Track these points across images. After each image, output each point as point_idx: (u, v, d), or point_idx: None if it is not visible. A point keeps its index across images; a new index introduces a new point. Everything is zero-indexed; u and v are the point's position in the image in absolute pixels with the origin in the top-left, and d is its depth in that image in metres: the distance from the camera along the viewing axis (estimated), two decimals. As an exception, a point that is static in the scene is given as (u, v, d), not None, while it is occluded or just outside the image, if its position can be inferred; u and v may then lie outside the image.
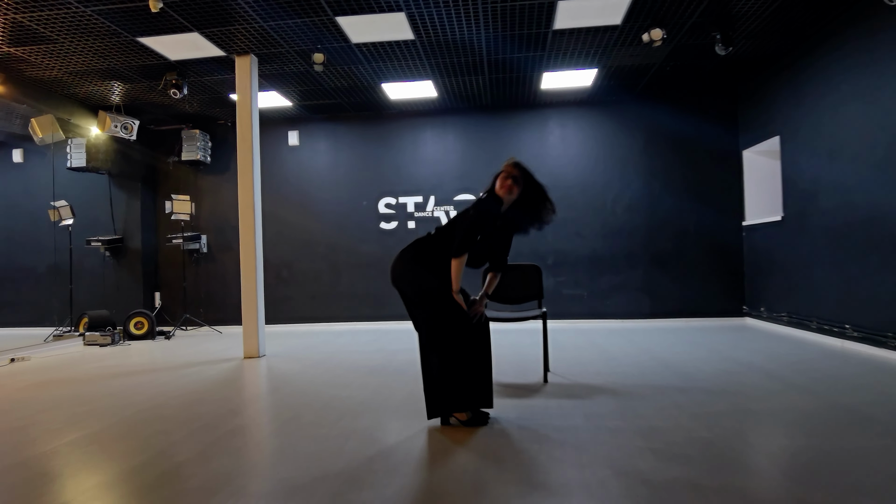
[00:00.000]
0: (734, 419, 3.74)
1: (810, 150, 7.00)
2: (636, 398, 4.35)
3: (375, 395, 4.69)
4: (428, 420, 3.81)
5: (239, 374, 5.88)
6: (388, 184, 9.69)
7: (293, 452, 3.30)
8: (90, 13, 5.70)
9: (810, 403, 4.08)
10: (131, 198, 9.85)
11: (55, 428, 3.98)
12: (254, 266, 6.88)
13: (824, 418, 3.70)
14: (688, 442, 3.30)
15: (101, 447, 3.53)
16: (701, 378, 4.99)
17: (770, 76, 7.89)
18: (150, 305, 9.89)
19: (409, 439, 3.49)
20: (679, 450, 3.17)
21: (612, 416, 3.85)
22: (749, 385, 4.68)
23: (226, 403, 4.60)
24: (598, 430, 3.55)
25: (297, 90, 8.38)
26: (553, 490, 2.68)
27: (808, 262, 7.09)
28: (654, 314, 9.03)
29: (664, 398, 4.32)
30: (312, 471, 3.00)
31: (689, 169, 9.04)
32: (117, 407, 4.55)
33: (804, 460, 3.01)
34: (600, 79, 8.24)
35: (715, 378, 4.98)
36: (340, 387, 5.02)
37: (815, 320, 6.95)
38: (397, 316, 9.50)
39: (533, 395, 4.50)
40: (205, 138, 9.74)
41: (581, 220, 9.21)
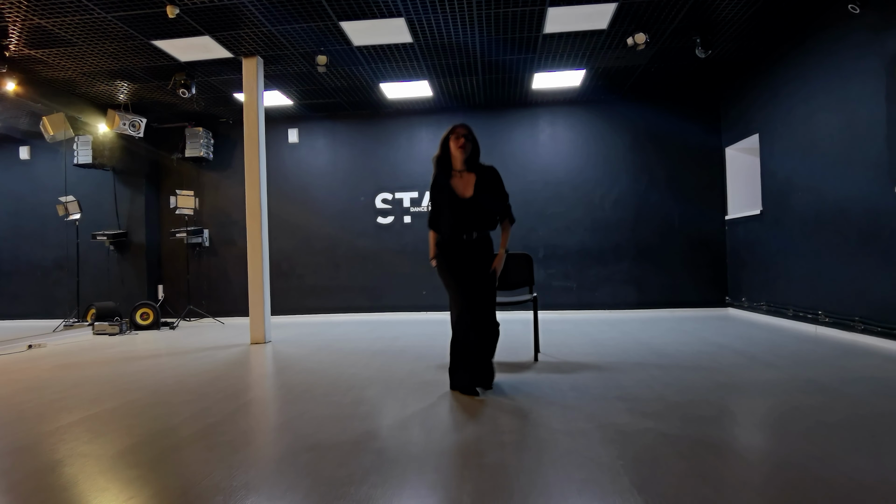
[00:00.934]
0: (704, 388, 4.21)
1: (786, 147, 7.48)
2: (618, 372, 4.82)
3: (380, 372, 5.14)
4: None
5: (249, 356, 6.32)
6: (385, 180, 10.10)
7: (311, 416, 3.74)
8: (110, 18, 6.13)
9: (774, 376, 4.56)
10: (136, 193, 10.23)
11: (91, 398, 4.41)
12: (260, 256, 7.32)
13: (785, 387, 4.18)
14: (661, 404, 3.77)
15: (137, 412, 3.97)
16: (679, 357, 5.47)
17: (749, 77, 8.37)
18: (153, 298, 10.27)
19: (414, 404, 3.95)
20: (652, 410, 3.64)
21: (596, 386, 4.32)
22: (722, 363, 5.16)
23: (242, 379, 5.04)
24: (583, 396, 4.02)
25: (299, 89, 8.80)
26: (542, 438, 3.14)
27: (785, 254, 7.57)
28: (641, 305, 9.50)
29: (643, 372, 4.80)
30: (331, 429, 3.45)
31: (674, 166, 9.51)
32: (143, 382, 4.99)
33: (760, 417, 3.49)
34: (588, 79, 8.70)
35: (692, 357, 5.46)
36: (346, 366, 5.48)
37: (791, 308, 7.43)
38: (393, 307, 9.95)
39: (524, 371, 4.96)
40: (207, 136, 10.14)
41: (570, 214, 9.66)
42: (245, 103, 7.38)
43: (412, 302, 9.94)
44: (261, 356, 6.34)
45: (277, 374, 5.26)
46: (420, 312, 9.85)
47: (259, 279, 7.33)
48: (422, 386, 4.49)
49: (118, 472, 2.85)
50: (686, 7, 6.35)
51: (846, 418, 3.38)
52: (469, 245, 4.24)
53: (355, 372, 5.16)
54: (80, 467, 2.92)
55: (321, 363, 5.70)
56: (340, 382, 4.73)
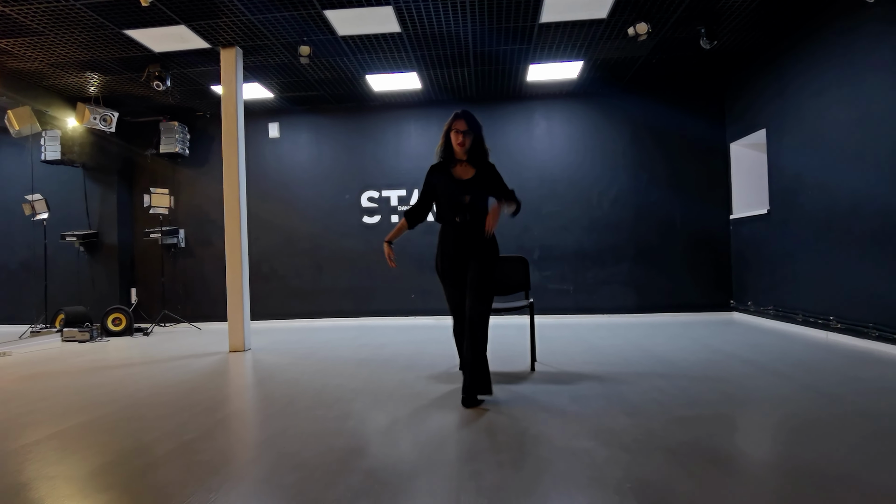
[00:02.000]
0: (713, 401, 4.17)
1: (794, 142, 7.46)
2: (621, 383, 4.77)
3: (367, 383, 5.08)
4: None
5: (227, 366, 6.24)
6: (371, 177, 10.05)
7: (295, 431, 3.68)
8: (79, 6, 6.03)
9: (786, 387, 4.53)
10: (107, 191, 10.13)
11: (60, 412, 4.33)
12: (239, 259, 7.24)
13: (798, 399, 4.15)
14: (668, 419, 3.73)
15: (109, 428, 3.88)
16: (685, 366, 5.44)
17: (756, 69, 8.36)
18: (126, 301, 10.17)
19: (404, 418, 3.89)
20: (659, 425, 3.59)
21: (597, 399, 4.27)
22: (730, 372, 5.12)
23: (221, 391, 4.97)
24: (584, 410, 3.97)
25: (280, 82, 8.73)
26: (542, 457, 3.08)
27: (793, 256, 7.56)
28: (641, 309, 9.48)
29: (647, 383, 4.75)
30: (316, 445, 3.38)
31: (676, 162, 9.49)
32: (115, 395, 4.90)
33: (774, 432, 3.45)
34: (586, 71, 8.67)
35: (697, 366, 5.43)
36: (331, 376, 5.41)
37: (800, 313, 7.42)
38: (380, 311, 9.90)
39: (520, 382, 4.92)
40: (183, 130, 10.05)
41: (567, 213, 9.63)
42: (223, 96, 7.30)
43: (400, 306, 9.89)
44: (240, 365, 6.27)
45: (258, 386, 5.19)
46: (408, 317, 9.79)
47: (238, 283, 7.25)
48: (412, 398, 4.43)
49: (89, 495, 2.78)
50: (690, -4, 6.33)
51: (865, 434, 3.35)
52: (464, 229, 4.40)
53: (341, 383, 5.10)
54: (47, 490, 2.84)
55: (304, 373, 5.63)
56: (325, 395, 4.67)
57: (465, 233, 4.40)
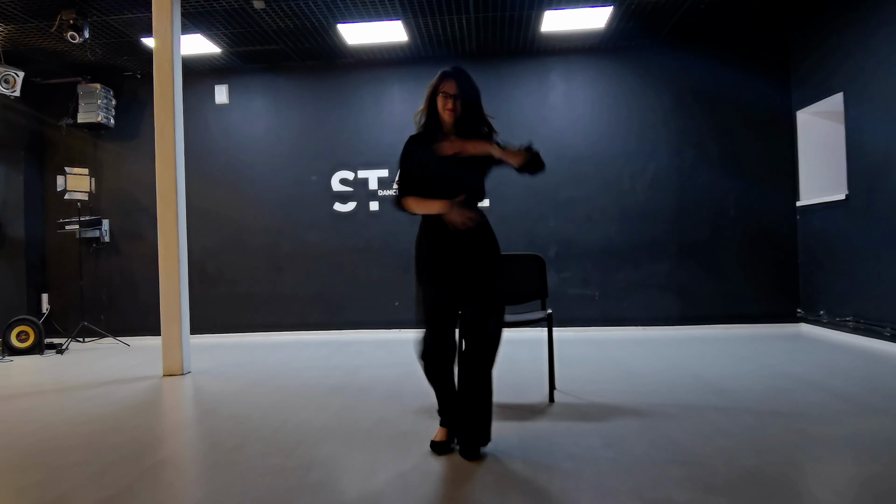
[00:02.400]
0: (790, 445, 3.94)
1: (884, 110, 7.24)
2: (667, 419, 4.54)
3: (338, 418, 4.84)
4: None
5: (160, 395, 6.00)
6: (345, 154, 9.84)
7: (243, 488, 3.42)
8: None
9: (881, 426, 4.29)
10: (12, 171, 9.88)
11: (-68, 462, 4.08)
12: (176, 257, 6.99)
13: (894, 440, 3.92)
14: (735, 473, 3.47)
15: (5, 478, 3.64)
16: (747, 397, 5.21)
17: (833, 17, 8.13)
18: (35, 311, 9.93)
19: (386, 469, 3.64)
20: (723, 481, 3.34)
21: (638, 443, 4.02)
22: (806, 405, 4.89)
23: (148, 431, 4.71)
24: (621, 459, 3.73)
25: (228, 33, 8.49)
26: (570, 527, 2.84)
27: (881, 253, 7.34)
28: (685, 320, 9.29)
29: (701, 420, 4.52)
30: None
31: (730, 135, 9.30)
32: (15, 433, 4.66)
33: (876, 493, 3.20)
34: (617, 18, 8.45)
35: (762, 396, 5.20)
36: (292, 410, 5.16)
37: (888, 326, 7.21)
38: (356, 323, 9.72)
39: (536, 418, 4.68)
40: (108, 95, 9.81)
41: (592, 200, 9.44)
42: (155, 49, 7.03)
43: (381, 316, 9.68)
44: (176, 395, 6.02)
45: (198, 423, 4.96)
46: (391, 330, 9.58)
47: (174, 289, 6.99)
48: (397, 441, 4.17)
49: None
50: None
51: None
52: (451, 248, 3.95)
53: (304, 419, 4.84)
54: None
55: (258, 406, 5.38)
56: (284, 436, 4.41)
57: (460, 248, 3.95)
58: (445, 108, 3.95)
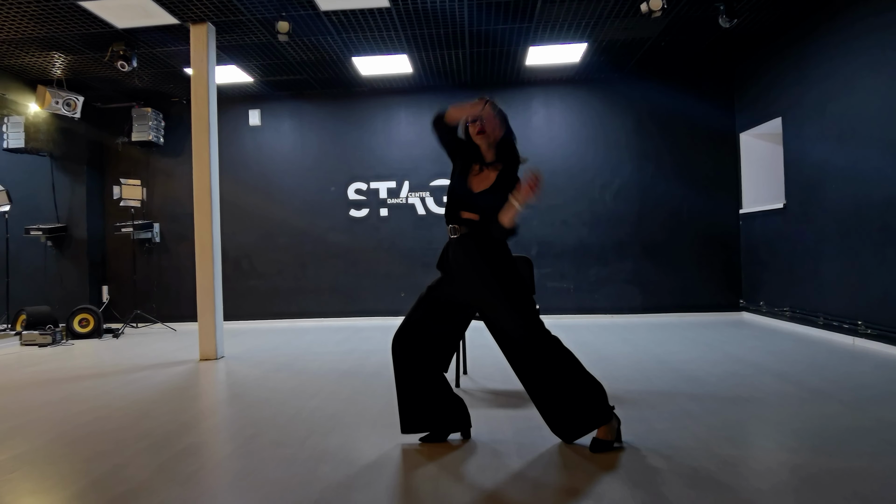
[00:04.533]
0: (763, 434, 3.47)
1: (816, 131, 6.77)
2: (645, 408, 4.03)
3: (348, 405, 4.33)
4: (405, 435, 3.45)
5: (193, 380, 5.47)
6: (359, 168, 9.34)
7: (257, 479, 2.93)
8: (21, -30, 5.25)
9: (834, 412, 3.80)
10: (76, 182, 9.33)
11: (-25, 449, 3.56)
12: (210, 257, 6.46)
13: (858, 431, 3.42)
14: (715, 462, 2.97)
15: (28, 470, 3.12)
16: (711, 382, 4.71)
17: (772, 52, 7.64)
18: (96, 300, 9.42)
19: (390, 460, 3.14)
20: (705, 473, 2.84)
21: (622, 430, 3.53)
22: (764, 391, 4.40)
23: (177, 417, 4.19)
24: (608, 448, 3.24)
25: (259, 64, 7.95)
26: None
27: (815, 254, 6.87)
28: (646, 308, 8.83)
29: (676, 407, 4.01)
30: (279, 501, 2.64)
31: (683, 152, 8.83)
32: (52, 421, 4.12)
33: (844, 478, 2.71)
34: (590, 54, 7.93)
35: (725, 382, 4.70)
36: (308, 396, 4.64)
37: (821, 316, 6.74)
38: (369, 311, 9.23)
39: (524, 405, 4.15)
40: (157, 117, 9.28)
41: (567, 207, 8.95)
42: (193, 77, 6.49)
43: (389, 305, 9.17)
44: (208, 379, 5.50)
45: (221, 409, 4.42)
46: (398, 317, 9.05)
47: (209, 284, 6.46)
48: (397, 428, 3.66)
49: None
50: (712, -34, 5.59)
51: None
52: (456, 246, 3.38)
53: (318, 405, 4.33)
54: None
55: (278, 391, 4.85)
56: (297, 424, 3.89)
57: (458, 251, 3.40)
58: (474, 131, 3.32)
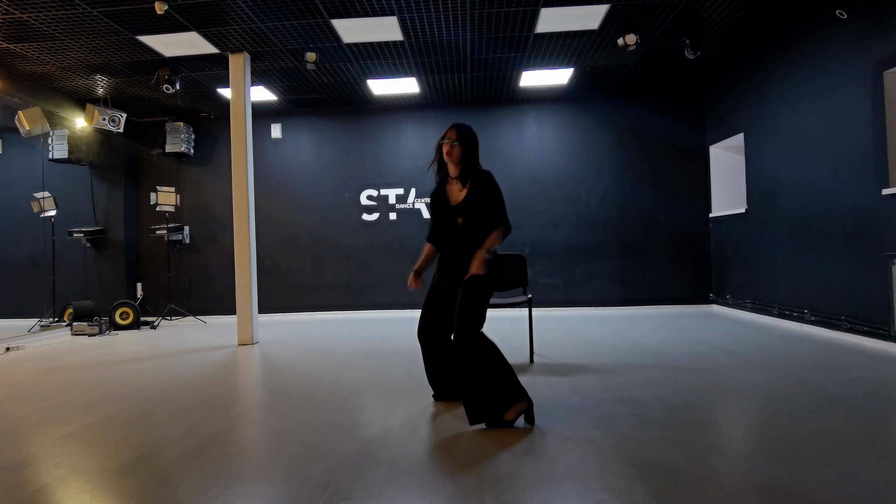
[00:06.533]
0: (703, 391, 4.29)
1: (771, 147, 7.59)
2: (615, 374, 4.88)
3: (376, 375, 5.16)
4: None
5: (238, 359, 6.29)
6: (370, 176, 10.07)
7: (316, 424, 3.74)
8: (95, 13, 6.03)
9: (768, 377, 4.65)
10: (113, 189, 10.10)
11: (83, 407, 4.36)
12: (248, 255, 7.27)
13: (781, 389, 4.27)
14: (664, 409, 3.83)
15: (135, 422, 3.93)
16: (672, 357, 5.56)
17: (736, 77, 8.47)
18: (132, 296, 10.17)
19: (418, 411, 3.97)
20: (657, 415, 3.70)
21: (596, 389, 4.38)
22: (716, 363, 5.25)
23: (236, 384, 5.02)
24: (585, 401, 4.07)
25: (284, 85, 8.74)
26: (552, 447, 3.18)
27: (770, 252, 7.70)
28: (627, 302, 9.60)
29: (640, 374, 4.87)
30: (338, 437, 3.46)
31: (659, 163, 9.61)
32: (134, 389, 4.94)
33: (762, 421, 3.56)
34: (576, 77, 8.75)
35: (685, 357, 5.55)
36: (341, 369, 5.48)
37: (776, 306, 7.56)
38: (379, 304, 9.96)
39: (522, 374, 5.00)
40: (188, 131, 10.03)
41: (557, 212, 9.72)
42: (232, 100, 7.31)
43: (397, 299, 9.94)
44: (250, 359, 6.31)
45: (271, 379, 5.24)
46: (406, 310, 9.85)
47: (247, 279, 7.28)
48: (420, 390, 4.50)
49: (130, 488, 2.83)
50: (677, 9, 6.41)
51: (845, 422, 3.46)
52: (458, 268, 3.80)
53: (351, 376, 5.17)
54: (88, 484, 2.89)
55: (315, 366, 5.69)
56: (339, 387, 4.73)
57: (459, 270, 3.79)
58: (445, 152, 3.74)
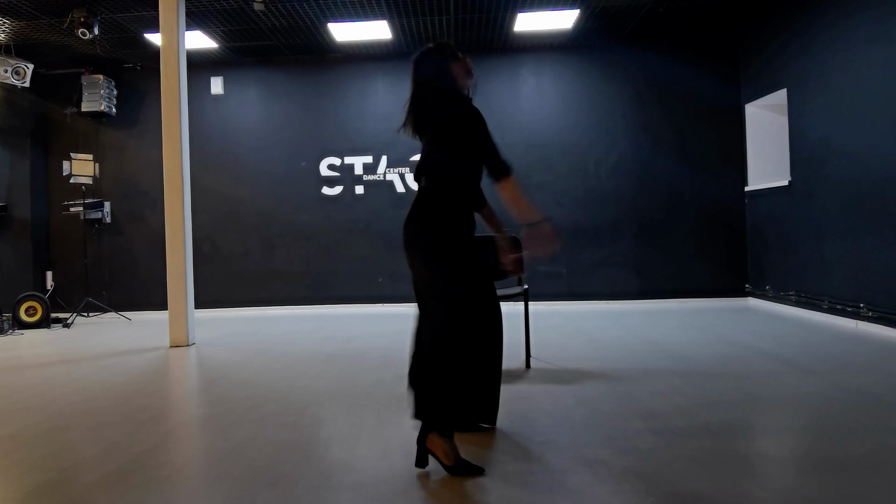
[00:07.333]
0: (736, 402, 4.30)
1: (820, 105, 7.59)
2: (630, 382, 4.88)
3: (339, 383, 5.13)
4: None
5: (170, 364, 6.25)
6: (332, 141, 10.03)
7: (264, 442, 3.71)
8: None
9: (815, 385, 4.66)
10: (18, 157, 9.97)
11: (-20, 422, 4.32)
12: (182, 239, 7.19)
13: (831, 400, 4.28)
14: (688, 424, 3.83)
15: (42, 440, 3.88)
16: (699, 362, 5.57)
17: (776, 22, 8.47)
18: (40, 287, 10.05)
19: (389, 425, 3.94)
20: (679, 431, 3.70)
21: (606, 401, 4.37)
22: (752, 369, 5.26)
23: (168, 394, 4.99)
24: (593, 415, 4.07)
25: (226, 30, 8.66)
26: (553, 470, 3.16)
27: (819, 234, 7.71)
28: (644, 294, 9.63)
29: (660, 382, 4.87)
30: (291, 458, 3.43)
31: (684, 125, 9.61)
32: (44, 399, 4.88)
33: (808, 439, 3.57)
34: (582, 20, 8.71)
35: (714, 361, 5.56)
36: (295, 376, 5.44)
37: (826, 299, 7.59)
38: (343, 298, 9.95)
39: (516, 381, 5.00)
40: (109, 85, 9.91)
41: (559, 185, 9.72)
42: (162, 47, 7.20)
43: (366, 292, 9.92)
44: (185, 363, 6.27)
45: (211, 388, 5.20)
46: (376, 305, 9.82)
47: (181, 266, 7.20)
48: (393, 402, 4.47)
49: (32, 520, 2.80)
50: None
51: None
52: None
53: (308, 384, 5.13)
54: (-18, 515, 2.86)
55: (263, 373, 5.65)
56: (292, 398, 4.70)
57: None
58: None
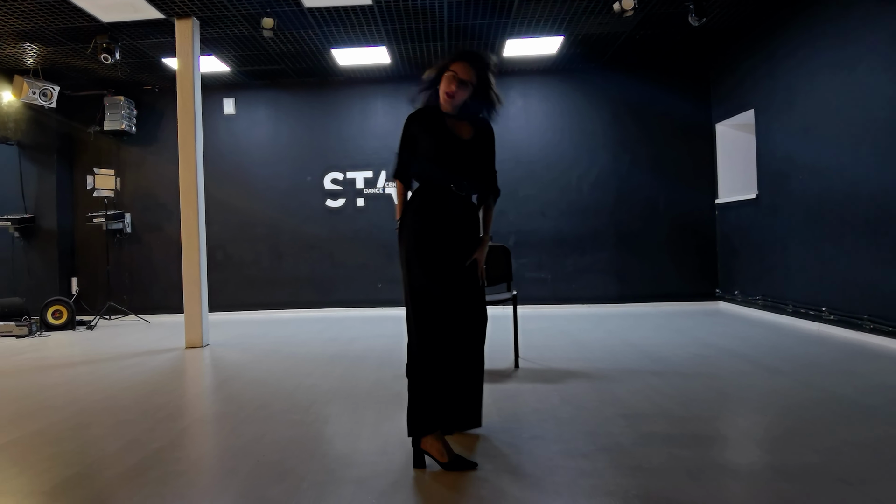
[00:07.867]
0: (710, 400, 4.28)
1: (784, 124, 7.60)
2: (611, 381, 4.86)
3: (342, 382, 5.10)
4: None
5: (186, 364, 6.21)
6: (335, 158, 10.00)
7: (273, 438, 3.68)
8: (20, -29, 5.91)
9: (782, 384, 4.66)
10: (45, 172, 9.91)
11: (8, 419, 4.26)
12: (197, 247, 7.16)
13: (796, 398, 4.27)
14: (666, 421, 3.81)
15: (66, 436, 3.84)
16: (675, 362, 5.55)
17: (744, 48, 8.48)
18: (66, 292, 9.99)
19: (389, 423, 3.91)
20: (658, 427, 3.68)
21: (589, 399, 4.35)
22: (724, 368, 5.25)
23: (183, 393, 4.95)
24: (577, 412, 4.04)
25: (238, 55, 8.63)
26: (541, 463, 3.14)
27: (783, 243, 7.72)
28: (623, 298, 9.61)
29: (640, 381, 4.85)
30: (298, 453, 3.39)
31: (659, 143, 9.62)
32: (68, 398, 4.84)
33: (776, 433, 3.55)
34: (566, 47, 8.72)
35: (689, 362, 5.54)
36: (302, 375, 5.41)
37: (790, 303, 7.59)
38: (345, 302, 9.91)
39: (505, 381, 4.97)
40: (130, 106, 9.87)
41: (544, 197, 9.71)
42: (178, 71, 7.19)
43: (366, 296, 9.89)
44: (200, 364, 6.24)
45: (223, 387, 5.17)
46: (375, 308, 9.80)
47: (195, 273, 7.17)
48: (393, 400, 4.44)
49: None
50: (680, -31, 6.40)
51: (867, 434, 3.46)
52: (458, 202, 3.49)
53: (314, 383, 5.10)
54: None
55: (272, 372, 5.62)
56: (299, 396, 4.67)
57: (458, 207, 3.50)
58: (446, 90, 3.41)
